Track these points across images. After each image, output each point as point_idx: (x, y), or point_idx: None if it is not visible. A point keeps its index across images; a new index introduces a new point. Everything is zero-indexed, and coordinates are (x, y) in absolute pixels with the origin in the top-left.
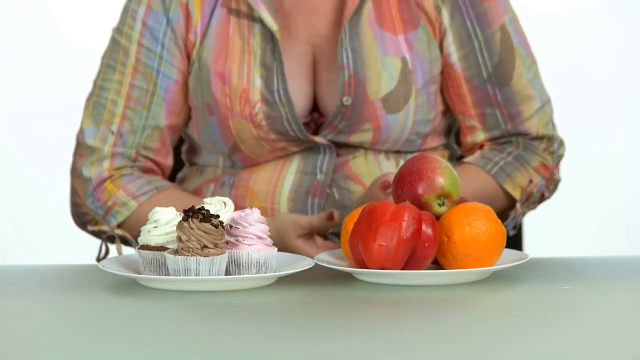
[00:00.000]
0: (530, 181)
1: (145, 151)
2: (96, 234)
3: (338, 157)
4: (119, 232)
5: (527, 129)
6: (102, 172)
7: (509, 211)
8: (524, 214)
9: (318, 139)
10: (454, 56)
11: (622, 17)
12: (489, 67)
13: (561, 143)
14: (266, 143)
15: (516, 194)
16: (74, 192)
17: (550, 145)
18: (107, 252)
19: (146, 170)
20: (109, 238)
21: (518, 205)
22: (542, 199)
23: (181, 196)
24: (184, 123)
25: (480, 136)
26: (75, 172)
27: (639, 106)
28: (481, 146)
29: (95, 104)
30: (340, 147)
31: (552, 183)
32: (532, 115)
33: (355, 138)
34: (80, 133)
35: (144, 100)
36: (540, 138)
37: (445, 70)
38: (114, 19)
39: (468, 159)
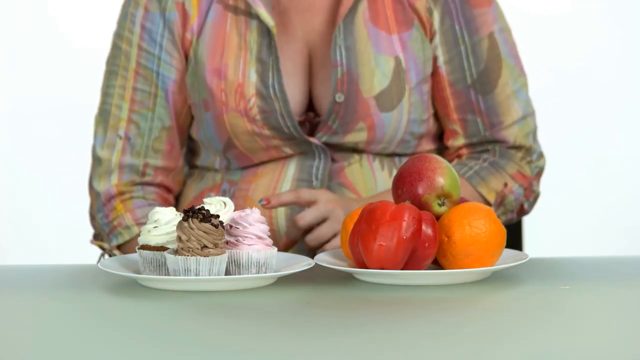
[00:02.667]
0: (505, 185)
1: (154, 159)
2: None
3: (334, 163)
4: (116, 252)
5: (504, 137)
6: (111, 188)
7: None
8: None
9: (313, 140)
10: (440, 59)
11: (622, 22)
12: (473, 74)
13: (541, 155)
14: (260, 139)
15: (490, 197)
16: (90, 204)
17: (527, 155)
18: None
19: (156, 186)
20: (108, 255)
21: (493, 209)
22: (521, 211)
23: None
24: (186, 123)
25: (460, 141)
26: (89, 184)
27: (638, 109)
28: (459, 155)
29: (102, 111)
30: (335, 151)
31: (531, 194)
32: (512, 124)
33: (349, 138)
34: (93, 144)
35: (148, 103)
36: (517, 147)
37: (433, 72)
38: (113, 19)
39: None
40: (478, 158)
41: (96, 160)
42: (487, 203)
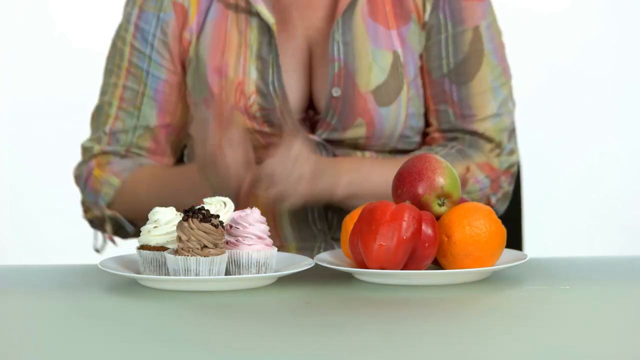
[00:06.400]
0: (467, 169)
1: (137, 150)
2: (93, 223)
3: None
4: (109, 212)
5: (474, 128)
6: (90, 163)
7: None
8: None
9: (313, 137)
10: (422, 46)
11: (618, 18)
12: (450, 63)
13: (512, 151)
14: (261, 137)
15: None
16: (80, 193)
17: (497, 148)
18: (104, 240)
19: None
20: (101, 223)
21: None
22: (488, 204)
23: (164, 169)
24: (179, 123)
25: (433, 131)
26: (73, 175)
27: (636, 105)
28: (432, 139)
29: (96, 108)
30: (337, 148)
31: (499, 189)
32: (485, 118)
33: (349, 134)
34: (87, 138)
35: (135, 101)
36: (488, 139)
37: None
38: (113, 20)
39: (413, 152)
40: (445, 145)
41: (82, 151)
42: None
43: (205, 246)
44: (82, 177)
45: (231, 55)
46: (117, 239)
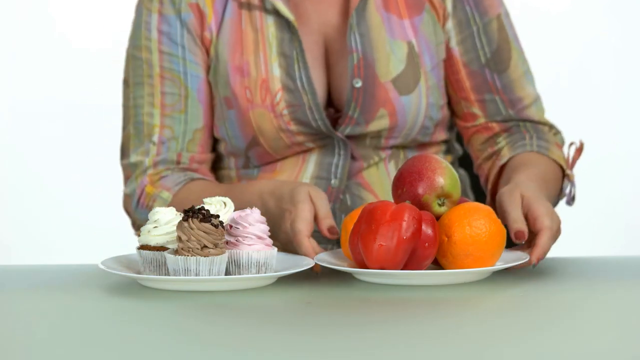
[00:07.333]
0: (571, 144)
1: (188, 153)
2: None
3: (353, 162)
4: None
5: (529, 116)
6: (143, 179)
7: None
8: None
9: (337, 133)
10: (453, 40)
11: (621, 19)
12: (487, 53)
13: (558, 130)
14: (285, 136)
15: (562, 162)
16: (125, 202)
17: (553, 129)
18: None
19: (190, 170)
20: None
21: (568, 171)
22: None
23: (212, 184)
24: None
25: (481, 121)
26: (123, 193)
27: (636, 106)
28: (487, 128)
29: (135, 123)
30: (357, 147)
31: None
32: (531, 104)
33: (372, 127)
34: (126, 158)
35: (180, 105)
36: (543, 124)
37: (446, 56)
38: (113, 20)
39: (504, 158)
40: (521, 133)
41: (130, 167)
42: (562, 169)
43: (205, 246)
44: (135, 196)
45: (249, 53)
46: None
